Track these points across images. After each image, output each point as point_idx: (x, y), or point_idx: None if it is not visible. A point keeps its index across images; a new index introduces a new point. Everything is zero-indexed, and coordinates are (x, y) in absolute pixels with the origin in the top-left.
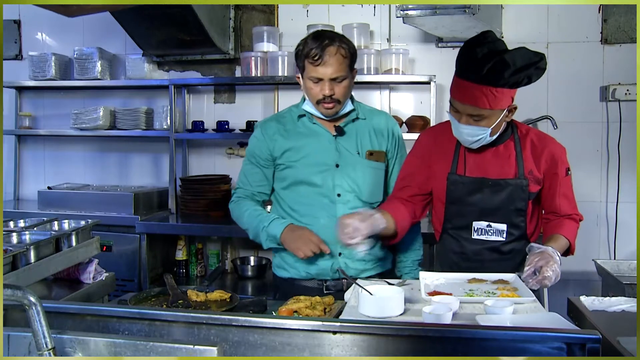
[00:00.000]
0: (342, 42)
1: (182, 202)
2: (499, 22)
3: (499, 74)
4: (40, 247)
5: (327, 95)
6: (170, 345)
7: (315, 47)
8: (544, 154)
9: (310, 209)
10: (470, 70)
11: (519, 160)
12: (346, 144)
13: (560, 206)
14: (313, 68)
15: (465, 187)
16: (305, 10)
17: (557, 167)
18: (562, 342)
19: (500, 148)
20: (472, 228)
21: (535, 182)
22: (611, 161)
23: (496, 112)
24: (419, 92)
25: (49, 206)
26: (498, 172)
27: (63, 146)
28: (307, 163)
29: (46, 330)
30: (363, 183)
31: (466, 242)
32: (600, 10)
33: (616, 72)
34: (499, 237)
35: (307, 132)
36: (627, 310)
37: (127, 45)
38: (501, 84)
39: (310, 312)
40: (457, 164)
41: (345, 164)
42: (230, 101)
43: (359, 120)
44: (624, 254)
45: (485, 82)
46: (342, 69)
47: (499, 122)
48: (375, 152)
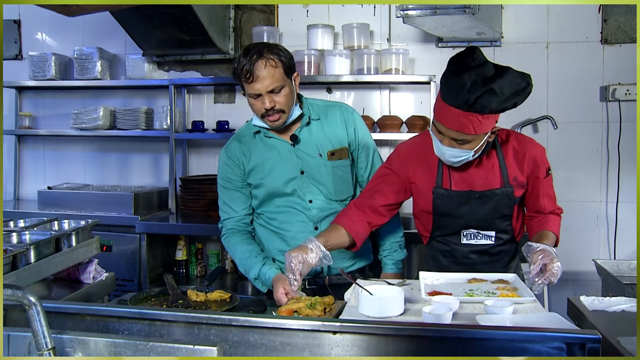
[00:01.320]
0: (271, 52)
1: (182, 202)
2: (499, 22)
3: (487, 104)
4: (40, 247)
5: (268, 108)
6: (170, 345)
7: (245, 64)
8: (526, 158)
9: (287, 217)
10: (458, 98)
11: (503, 169)
12: (306, 150)
13: (545, 205)
14: (248, 85)
15: (452, 201)
16: (305, 10)
17: (538, 170)
18: (562, 342)
19: (483, 159)
20: (461, 234)
21: (519, 187)
22: (611, 161)
23: (480, 135)
24: (419, 92)
25: (49, 206)
26: (483, 183)
27: (63, 146)
28: (274, 177)
29: (46, 330)
30: (330, 184)
31: (456, 245)
32: (600, 10)
33: (616, 72)
34: (488, 240)
35: (265, 147)
36: (627, 310)
37: (127, 45)
38: (488, 111)
39: (310, 312)
40: (442, 177)
41: (310, 169)
42: (230, 101)
43: (313, 122)
44: (624, 254)
45: (472, 110)
46: (276, 80)
47: (482, 143)
48: (337, 151)
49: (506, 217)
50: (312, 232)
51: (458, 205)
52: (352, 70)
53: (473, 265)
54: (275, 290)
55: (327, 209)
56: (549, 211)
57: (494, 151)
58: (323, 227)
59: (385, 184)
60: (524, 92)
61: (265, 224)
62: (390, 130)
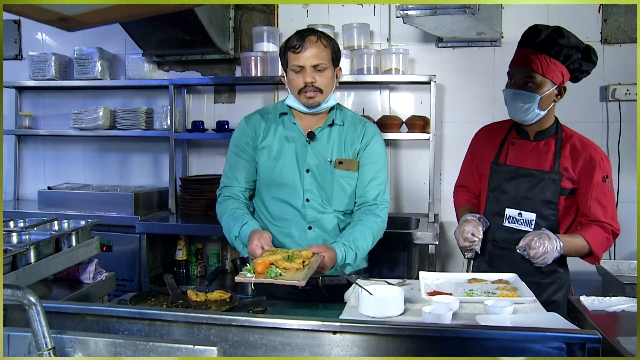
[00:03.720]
0: (324, 35)
1: (182, 202)
2: (498, 22)
3: (554, 42)
4: (40, 247)
5: (308, 82)
6: (170, 345)
7: (297, 37)
8: (583, 156)
9: (281, 212)
10: (529, 39)
11: (557, 157)
12: (319, 150)
13: (591, 209)
14: (294, 56)
15: (503, 175)
16: (305, 10)
17: (593, 171)
18: (562, 342)
19: (541, 144)
20: (504, 215)
21: (568, 180)
22: (611, 161)
23: (547, 82)
24: (419, 92)
25: (48, 206)
26: (534, 163)
27: (63, 146)
28: (279, 165)
29: (46, 330)
30: (331, 191)
31: (498, 229)
32: (600, 10)
33: (616, 72)
34: (528, 227)
35: (284, 132)
36: (627, 310)
37: (127, 45)
38: (555, 52)
39: (288, 265)
40: (500, 154)
41: (316, 170)
42: (230, 101)
43: (336, 126)
44: (624, 254)
45: (540, 50)
46: (323, 57)
47: (549, 94)
48: (346, 161)
49: (550, 204)
50: (306, 232)
51: (507, 179)
52: (352, 70)
53: (511, 252)
54: (250, 242)
55: (320, 213)
56: (596, 219)
57: (554, 140)
58: (317, 229)
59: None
60: (589, 52)
61: (262, 212)
62: (390, 130)
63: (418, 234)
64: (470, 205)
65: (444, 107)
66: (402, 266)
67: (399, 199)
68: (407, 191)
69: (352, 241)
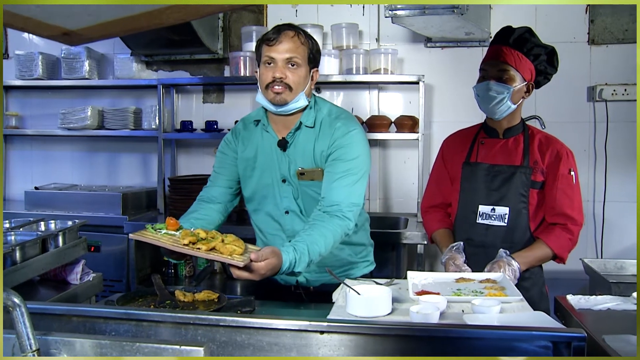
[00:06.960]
0: (304, 33)
1: (170, 202)
2: (487, 22)
3: (526, 40)
4: (26, 248)
5: (277, 77)
6: (156, 346)
7: (273, 32)
8: (549, 150)
9: (265, 226)
10: (502, 36)
11: (526, 151)
12: (293, 158)
13: (557, 200)
14: (267, 49)
15: (474, 173)
16: (294, 10)
17: (559, 163)
18: (548, 341)
19: (510, 141)
20: (477, 212)
21: (539, 172)
22: (598, 161)
23: (519, 76)
24: (408, 92)
25: (36, 206)
26: (505, 159)
27: (50, 146)
28: (258, 177)
29: (30, 331)
30: (301, 202)
31: (471, 227)
32: (587, 11)
33: (603, 72)
34: (501, 222)
35: (260, 143)
36: (612, 308)
37: (115, 45)
38: (526, 49)
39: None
40: (471, 154)
41: (292, 179)
42: (219, 101)
43: (304, 130)
44: (611, 253)
45: (513, 46)
46: (297, 52)
47: (520, 88)
48: (308, 171)
49: (522, 197)
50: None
51: (479, 176)
52: (341, 70)
53: (485, 249)
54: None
55: (300, 223)
56: (562, 212)
57: (522, 137)
58: None
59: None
60: (552, 55)
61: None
62: (379, 130)
63: (407, 233)
64: (444, 227)
65: (432, 107)
66: (390, 266)
67: (388, 198)
68: (395, 191)
69: (308, 245)
